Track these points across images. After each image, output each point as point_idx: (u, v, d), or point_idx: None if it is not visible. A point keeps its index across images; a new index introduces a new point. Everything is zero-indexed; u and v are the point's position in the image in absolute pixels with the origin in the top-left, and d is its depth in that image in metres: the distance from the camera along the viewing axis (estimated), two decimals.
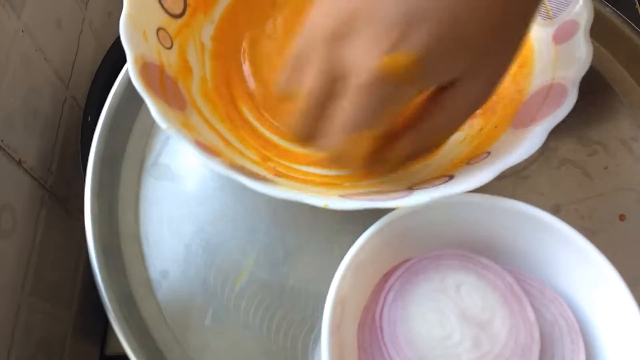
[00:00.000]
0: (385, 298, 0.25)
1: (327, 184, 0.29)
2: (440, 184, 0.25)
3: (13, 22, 0.34)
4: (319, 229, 0.31)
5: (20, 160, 0.35)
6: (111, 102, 0.33)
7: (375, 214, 0.25)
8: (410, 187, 0.26)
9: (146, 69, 0.27)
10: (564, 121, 0.25)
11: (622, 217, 0.31)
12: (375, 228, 0.25)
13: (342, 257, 0.24)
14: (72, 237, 0.43)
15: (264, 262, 0.30)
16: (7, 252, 0.33)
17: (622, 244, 0.30)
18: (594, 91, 0.31)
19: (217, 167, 0.24)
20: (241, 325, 0.29)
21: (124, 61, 0.43)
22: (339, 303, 0.23)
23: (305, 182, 0.29)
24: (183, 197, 0.32)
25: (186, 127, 0.26)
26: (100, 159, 0.32)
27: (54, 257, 0.39)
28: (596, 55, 0.28)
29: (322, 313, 0.23)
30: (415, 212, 0.25)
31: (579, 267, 0.24)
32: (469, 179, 0.24)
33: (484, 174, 0.24)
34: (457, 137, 0.30)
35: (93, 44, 0.46)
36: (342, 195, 0.25)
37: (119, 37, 0.44)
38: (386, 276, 0.26)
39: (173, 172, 0.33)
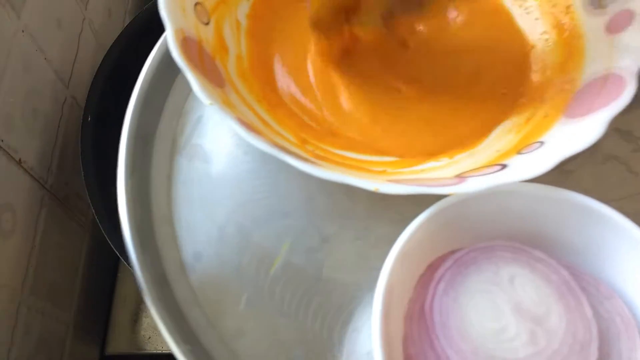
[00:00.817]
0: (435, 289, 0.24)
1: (366, 169, 0.28)
2: (493, 172, 0.25)
3: (13, 22, 0.34)
4: (355, 217, 0.30)
5: (20, 160, 0.35)
6: (143, 80, 0.32)
7: (415, 202, 0.24)
8: (459, 176, 0.26)
9: (186, 44, 0.26)
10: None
11: None
12: (426, 216, 0.24)
13: (378, 246, 0.23)
14: (71, 237, 0.43)
15: (299, 248, 0.29)
16: (7, 252, 0.33)
17: None
18: (638, 85, 0.31)
19: (263, 145, 0.23)
20: (276, 311, 0.28)
21: (124, 61, 0.44)
22: (389, 292, 0.23)
23: (344, 166, 0.28)
24: (216, 179, 0.31)
25: (227, 105, 0.25)
26: (132, 138, 0.31)
27: (53, 257, 0.39)
28: None
29: (358, 303, 0.23)
30: (466, 201, 0.24)
31: (636, 262, 0.24)
32: (526, 168, 0.23)
33: (544, 163, 0.23)
34: (503, 126, 0.29)
35: (93, 44, 0.46)
36: (389, 181, 0.24)
37: (119, 37, 0.45)
38: (431, 267, 0.26)
39: (205, 153, 0.32)
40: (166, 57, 0.32)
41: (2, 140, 0.33)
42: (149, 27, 0.45)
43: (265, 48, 0.32)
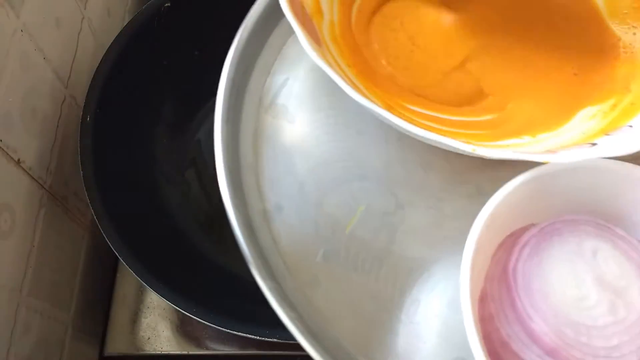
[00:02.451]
0: (520, 253, 0.25)
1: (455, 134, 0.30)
2: (584, 148, 0.25)
3: (12, 21, 0.34)
4: (430, 188, 0.31)
5: (19, 160, 0.35)
6: (240, 38, 0.34)
7: (489, 179, 0.25)
8: (549, 150, 0.26)
9: (293, 1, 0.28)
10: None
11: None
12: (518, 182, 0.25)
13: (452, 217, 0.25)
14: (71, 237, 0.43)
15: (374, 211, 0.30)
16: (5, 253, 0.33)
17: None
18: None
19: (364, 101, 0.24)
20: (350, 267, 0.29)
21: (124, 60, 0.44)
22: (476, 249, 0.24)
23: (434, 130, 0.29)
24: (298, 138, 0.33)
25: (327, 62, 0.27)
26: (228, 88, 0.33)
27: (52, 257, 0.39)
28: None
29: (429, 268, 0.24)
30: (555, 174, 0.25)
31: None
32: (617, 145, 0.24)
33: (634, 142, 0.24)
34: (587, 112, 0.30)
35: (92, 44, 0.46)
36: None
37: (118, 37, 0.44)
38: (512, 236, 0.26)
39: (289, 112, 0.34)
40: (261, 18, 0.34)
41: (1, 140, 0.33)
42: (148, 26, 0.45)
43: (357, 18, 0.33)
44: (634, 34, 0.32)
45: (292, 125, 0.33)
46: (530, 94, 0.31)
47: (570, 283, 0.24)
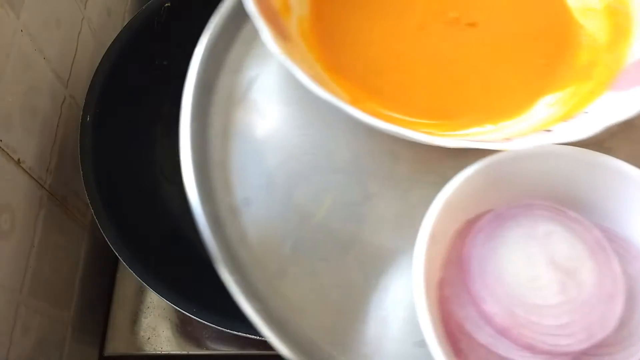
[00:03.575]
0: (475, 238, 0.26)
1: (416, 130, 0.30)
2: (540, 135, 0.26)
3: (12, 21, 0.34)
4: (398, 178, 0.31)
5: (19, 160, 0.35)
6: (210, 33, 0.34)
7: (454, 167, 0.26)
8: (506, 138, 0.27)
9: None
10: None
11: None
12: (473, 170, 0.25)
13: (418, 206, 0.25)
14: (70, 237, 0.43)
15: (342, 201, 0.31)
16: (5, 253, 0.33)
17: None
18: None
19: (327, 96, 0.25)
20: (317, 257, 0.30)
21: (124, 60, 0.44)
22: (432, 236, 0.24)
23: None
24: (268, 133, 0.33)
25: (292, 57, 0.27)
26: (197, 87, 0.33)
27: (52, 258, 0.39)
28: None
29: (395, 255, 0.24)
30: (511, 160, 0.26)
31: None
32: (570, 132, 0.25)
33: (588, 127, 0.24)
34: (548, 100, 0.30)
35: (92, 44, 0.46)
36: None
37: (118, 37, 0.44)
38: (470, 222, 0.27)
39: (260, 107, 0.34)
40: (231, 13, 0.34)
41: (1, 140, 0.33)
42: (148, 26, 0.45)
43: (326, 10, 0.34)
44: (596, 21, 0.32)
45: (263, 120, 0.34)
46: (493, 82, 0.32)
47: (524, 265, 0.25)
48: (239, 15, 0.33)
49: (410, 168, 0.32)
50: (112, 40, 0.44)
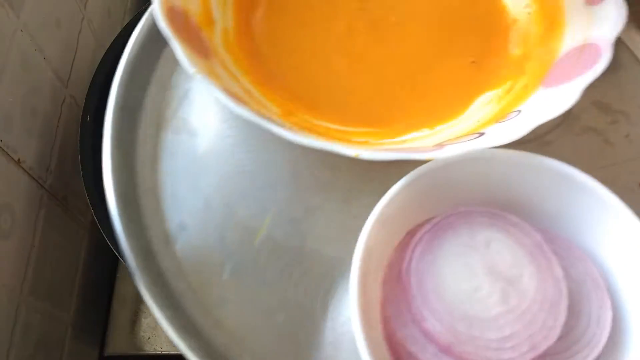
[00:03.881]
0: (412, 252, 0.25)
1: (349, 141, 0.29)
2: (471, 139, 0.25)
3: (12, 21, 0.34)
4: (337, 189, 0.30)
5: (19, 160, 0.35)
6: (130, 53, 0.33)
7: (396, 174, 0.25)
8: (439, 145, 0.26)
9: (172, 13, 0.26)
10: (586, 89, 0.25)
11: None
12: (405, 182, 0.25)
13: (360, 217, 0.24)
14: (71, 237, 0.43)
15: (282, 218, 0.30)
16: (6, 252, 0.33)
17: None
18: (617, 59, 0.31)
19: (245, 113, 0.24)
20: (259, 281, 0.28)
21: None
22: (367, 255, 0.24)
23: (328, 136, 0.29)
24: (201, 152, 0.32)
25: (212, 75, 0.26)
26: (119, 110, 0.32)
27: (52, 257, 0.39)
28: None
29: (340, 272, 0.23)
30: (444, 167, 0.25)
31: (606, 224, 0.25)
32: (501, 134, 0.24)
33: (519, 129, 0.24)
34: (483, 98, 0.30)
35: (92, 44, 0.46)
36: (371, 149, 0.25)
37: (118, 37, 0.44)
38: (410, 233, 0.26)
39: (191, 126, 0.33)
40: (153, 30, 0.32)
41: (1, 140, 0.33)
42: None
43: (252, 20, 0.33)
44: (529, 13, 0.32)
45: (195, 139, 0.32)
46: (427, 85, 0.31)
47: (464, 276, 0.24)
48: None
49: (351, 178, 0.30)
50: (112, 41, 0.44)
